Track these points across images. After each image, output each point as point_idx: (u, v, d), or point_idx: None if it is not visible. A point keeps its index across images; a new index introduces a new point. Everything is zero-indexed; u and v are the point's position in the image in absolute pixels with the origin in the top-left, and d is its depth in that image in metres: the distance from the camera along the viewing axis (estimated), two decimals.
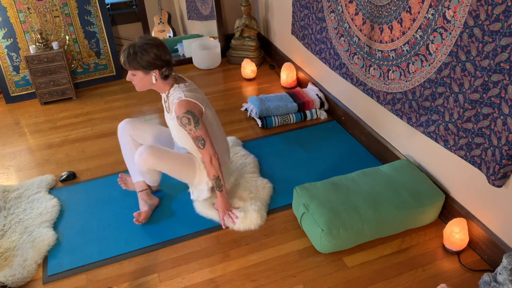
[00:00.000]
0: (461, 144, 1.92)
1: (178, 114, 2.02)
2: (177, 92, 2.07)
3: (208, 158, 2.10)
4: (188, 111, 2.01)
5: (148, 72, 2.01)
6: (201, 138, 2.05)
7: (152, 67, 1.99)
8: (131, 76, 2.04)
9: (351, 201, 2.08)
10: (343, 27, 2.62)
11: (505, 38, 1.59)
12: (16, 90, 3.50)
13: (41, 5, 3.33)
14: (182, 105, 2.01)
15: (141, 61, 1.96)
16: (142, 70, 2.00)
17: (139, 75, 2.02)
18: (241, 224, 2.21)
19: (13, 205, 2.38)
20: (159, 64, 2.00)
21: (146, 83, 2.06)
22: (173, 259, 2.08)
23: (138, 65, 1.97)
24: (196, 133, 2.04)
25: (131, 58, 1.96)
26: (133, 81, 2.06)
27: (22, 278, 1.97)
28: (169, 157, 2.15)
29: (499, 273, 1.68)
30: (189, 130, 2.04)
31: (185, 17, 4.07)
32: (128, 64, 1.98)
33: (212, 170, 2.12)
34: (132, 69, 2.00)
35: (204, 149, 2.08)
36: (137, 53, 1.95)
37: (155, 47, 1.97)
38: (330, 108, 3.14)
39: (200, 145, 2.07)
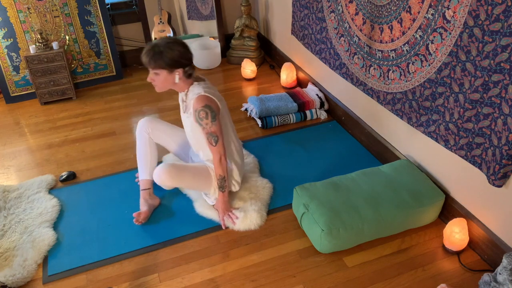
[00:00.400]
0: (461, 144, 1.92)
1: (196, 107, 2.02)
2: (196, 88, 2.09)
3: (218, 156, 2.11)
4: (206, 105, 2.02)
5: (172, 71, 2.01)
6: (215, 135, 2.06)
7: (176, 66, 2.00)
8: (153, 76, 2.04)
9: (351, 201, 2.08)
10: (343, 27, 2.62)
11: (505, 38, 1.59)
12: (16, 90, 3.50)
13: (41, 5, 3.33)
14: (201, 100, 2.03)
15: (166, 60, 1.96)
16: (167, 69, 2.00)
17: (163, 74, 2.02)
18: (241, 224, 2.21)
19: (13, 205, 2.38)
20: (184, 63, 2.01)
21: (168, 82, 2.06)
22: (173, 259, 2.08)
23: (164, 63, 1.97)
24: (211, 128, 2.05)
25: (157, 57, 1.96)
26: (154, 81, 2.06)
27: (22, 278, 1.97)
28: (187, 175, 2.17)
29: (499, 273, 1.68)
30: (205, 125, 2.04)
31: (185, 17, 4.07)
32: (154, 62, 1.97)
33: (219, 170, 2.13)
34: (158, 68, 1.99)
35: (215, 146, 2.08)
36: (163, 52, 1.95)
37: (179, 45, 2.00)
38: (330, 108, 3.14)
39: (212, 141, 2.07)
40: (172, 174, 2.12)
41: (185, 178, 2.17)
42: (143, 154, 2.33)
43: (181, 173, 2.15)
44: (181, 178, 2.15)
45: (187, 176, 2.17)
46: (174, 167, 2.14)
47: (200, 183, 2.23)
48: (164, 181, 2.13)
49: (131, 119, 3.23)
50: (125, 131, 3.09)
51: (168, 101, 3.43)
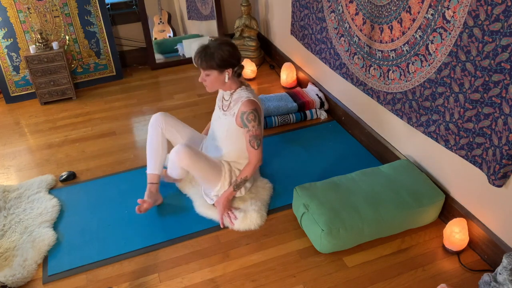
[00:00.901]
0: (462, 144, 1.92)
1: (245, 109, 2.09)
2: (245, 92, 2.16)
3: (256, 160, 2.17)
4: (255, 109, 2.10)
5: (222, 71, 2.08)
6: (258, 138, 2.13)
7: (226, 66, 2.06)
8: (204, 77, 2.11)
9: (351, 201, 2.08)
10: (343, 27, 2.62)
11: (506, 38, 1.59)
12: (16, 90, 3.50)
13: (41, 5, 3.33)
14: (251, 103, 2.10)
15: (217, 60, 2.03)
16: (217, 69, 2.07)
17: (213, 74, 2.09)
18: (241, 224, 2.21)
19: (13, 205, 2.38)
20: (233, 63, 2.08)
21: (218, 82, 2.13)
22: (173, 259, 2.08)
23: (214, 63, 2.04)
24: (256, 131, 2.12)
25: (208, 58, 2.03)
26: (205, 82, 2.13)
27: (22, 278, 1.97)
28: (202, 162, 2.18)
29: (499, 273, 1.68)
30: (251, 127, 2.10)
31: (185, 17, 4.07)
32: (206, 63, 2.04)
33: (249, 172, 2.19)
34: (209, 68, 2.06)
35: (257, 150, 2.15)
36: (214, 53, 2.02)
37: (229, 46, 2.06)
38: (330, 108, 3.14)
39: (255, 144, 2.13)
40: (191, 154, 2.13)
41: (200, 163, 2.17)
42: (154, 148, 2.32)
43: (198, 157, 2.16)
44: (197, 161, 2.15)
45: (202, 162, 2.18)
46: (193, 149, 2.16)
47: (210, 174, 2.23)
48: (182, 160, 2.13)
49: (131, 119, 3.23)
50: (125, 131, 3.09)
51: (168, 101, 3.43)
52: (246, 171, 2.20)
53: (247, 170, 2.20)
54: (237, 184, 2.21)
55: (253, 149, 2.15)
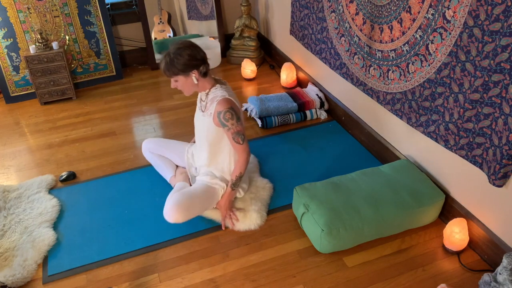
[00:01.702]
0: (462, 144, 1.92)
1: (220, 109, 2.08)
2: (220, 91, 2.14)
3: (245, 154, 2.16)
4: (231, 107, 2.08)
5: (188, 74, 2.07)
6: (241, 133, 2.12)
7: (190, 68, 2.05)
8: (174, 83, 2.12)
9: (351, 201, 2.08)
10: (343, 27, 2.62)
11: (505, 38, 1.59)
12: (16, 90, 3.50)
13: (41, 5, 3.33)
14: (226, 102, 2.08)
15: (178, 66, 2.03)
16: (181, 74, 2.06)
17: (181, 79, 2.09)
18: (241, 224, 2.21)
19: (13, 205, 2.38)
20: (196, 64, 2.06)
21: (189, 85, 2.12)
22: (173, 259, 2.08)
23: (176, 70, 2.04)
24: (238, 128, 2.11)
25: (169, 66, 2.04)
26: (178, 87, 2.13)
27: (22, 278, 1.97)
28: (195, 204, 2.16)
29: (499, 273, 1.68)
30: (230, 125, 2.09)
31: (185, 17, 4.07)
32: (168, 71, 2.05)
33: (243, 168, 2.18)
34: (173, 75, 2.07)
35: (243, 144, 2.14)
36: (173, 60, 2.02)
37: (187, 49, 2.04)
38: (330, 108, 3.14)
39: (240, 140, 2.12)
40: (180, 210, 2.10)
41: (195, 208, 2.16)
42: (158, 165, 2.53)
43: (188, 203, 2.13)
44: (189, 210, 2.14)
45: (196, 205, 2.17)
46: (180, 205, 2.11)
47: (208, 204, 2.24)
48: (176, 219, 2.12)
49: (131, 119, 3.23)
50: (125, 131, 3.09)
51: (168, 101, 3.43)
52: (238, 168, 2.19)
53: (239, 166, 2.18)
54: (233, 183, 2.21)
55: (238, 145, 2.14)
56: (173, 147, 2.53)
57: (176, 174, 2.48)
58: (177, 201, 2.11)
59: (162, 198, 2.36)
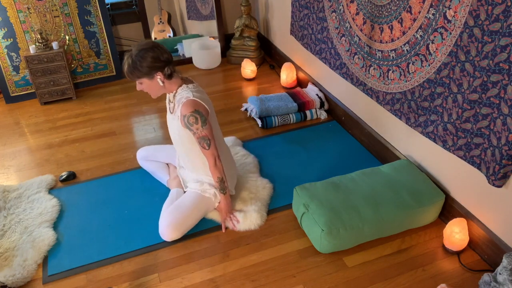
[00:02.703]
0: (460, 145, 1.92)
1: (185, 113, 2.01)
2: (185, 91, 2.06)
3: (212, 159, 2.09)
4: (196, 110, 2.00)
5: (152, 77, 2.01)
6: (207, 138, 2.04)
7: (154, 71, 1.99)
8: (139, 86, 2.06)
9: (351, 201, 2.08)
10: (344, 27, 2.62)
11: (505, 38, 1.59)
12: (16, 90, 3.50)
13: (41, 5, 3.33)
14: (190, 104, 2.00)
15: (141, 69, 1.96)
16: (145, 77, 2.00)
17: (145, 82, 2.03)
18: (241, 224, 2.21)
19: (13, 205, 2.38)
20: (159, 66, 1.99)
21: (155, 88, 2.06)
22: (173, 259, 2.08)
23: (140, 73, 1.98)
24: (203, 133, 2.03)
25: (131, 69, 1.97)
26: (143, 90, 2.07)
27: (22, 278, 1.97)
28: (189, 216, 2.15)
29: (499, 273, 1.68)
30: (195, 130, 2.02)
31: (185, 17, 4.07)
32: (131, 75, 1.99)
33: (216, 172, 2.12)
34: (136, 78, 2.01)
35: (209, 149, 2.07)
36: (136, 62, 1.95)
37: (150, 51, 1.96)
38: (330, 108, 3.14)
39: (205, 145, 2.06)
40: (174, 227, 2.11)
41: (190, 220, 2.16)
42: (155, 171, 2.53)
43: (184, 221, 2.13)
44: (186, 224, 2.14)
45: (190, 218, 2.16)
46: (175, 224, 2.11)
47: (203, 213, 2.23)
48: (176, 238, 2.13)
49: (131, 119, 3.23)
50: (125, 131, 3.09)
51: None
52: (213, 173, 2.13)
53: (213, 171, 2.12)
54: (220, 188, 2.16)
55: (204, 150, 2.08)
56: (164, 150, 2.53)
57: (170, 177, 2.46)
58: (171, 221, 2.11)
59: (162, 198, 2.36)
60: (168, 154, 2.52)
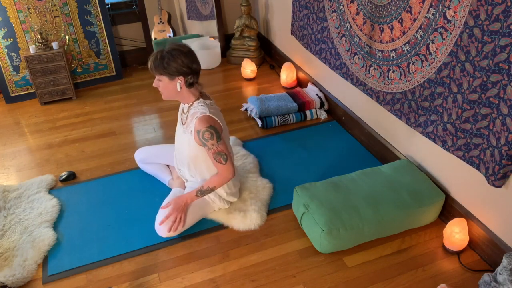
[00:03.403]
0: (459, 145, 1.92)
1: (199, 128, 1.99)
2: (202, 107, 2.05)
3: (228, 174, 2.07)
4: (210, 126, 1.99)
5: (173, 78, 1.99)
6: (223, 153, 2.03)
7: (177, 73, 1.98)
8: (157, 82, 2.04)
9: (351, 201, 2.08)
10: (344, 27, 2.62)
11: (504, 38, 1.59)
12: (16, 90, 3.50)
13: (41, 5, 3.33)
14: (205, 120, 1.99)
15: (167, 66, 1.95)
16: (167, 76, 1.99)
17: (164, 81, 2.01)
18: (241, 224, 2.21)
19: (13, 205, 2.38)
20: (185, 71, 1.98)
21: (171, 90, 2.04)
22: (173, 259, 2.08)
23: (164, 70, 1.96)
24: (219, 148, 2.01)
25: (157, 63, 1.96)
26: (159, 87, 2.05)
27: (22, 278, 1.97)
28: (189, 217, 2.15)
29: (499, 273, 1.68)
30: (210, 145, 2.00)
31: (185, 17, 4.07)
32: (154, 68, 1.98)
33: (219, 184, 2.09)
34: (158, 74, 1.99)
35: (226, 164, 2.05)
36: (164, 58, 1.94)
37: (183, 55, 1.96)
38: (330, 108, 3.14)
39: (222, 160, 2.04)
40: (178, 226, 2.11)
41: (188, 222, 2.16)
42: (155, 173, 2.53)
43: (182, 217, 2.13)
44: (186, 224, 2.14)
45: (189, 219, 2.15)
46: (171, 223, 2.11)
47: (200, 215, 2.23)
48: (168, 235, 2.12)
49: (131, 119, 3.23)
50: (125, 131, 3.09)
51: (167, 101, 3.42)
52: (214, 181, 2.09)
53: (216, 180, 2.09)
54: (202, 191, 2.11)
55: (220, 165, 2.05)
56: (162, 154, 2.53)
57: (174, 177, 2.47)
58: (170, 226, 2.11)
59: (162, 198, 2.36)
60: (167, 157, 2.51)
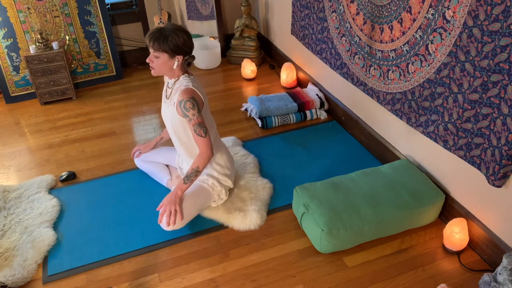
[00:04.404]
0: (460, 144, 1.92)
1: (181, 98, 2.03)
2: (186, 81, 2.10)
3: (206, 148, 2.07)
4: (193, 97, 2.04)
5: (173, 56, 2.04)
6: (203, 125, 2.05)
7: (178, 52, 2.03)
8: (153, 58, 2.06)
9: (351, 201, 2.08)
10: (344, 27, 2.62)
11: (505, 38, 1.59)
12: (16, 90, 3.50)
13: (41, 5, 3.33)
14: (189, 92, 2.04)
15: (170, 44, 2.00)
16: (169, 53, 2.03)
17: (163, 58, 2.04)
18: (241, 224, 2.21)
19: (13, 205, 2.38)
20: (185, 51, 2.05)
21: (166, 67, 2.08)
22: (173, 259, 2.08)
23: (166, 47, 2.00)
24: (199, 119, 2.04)
25: (161, 40, 1.99)
26: (152, 63, 2.07)
27: (22, 278, 1.97)
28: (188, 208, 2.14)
29: (499, 273, 1.68)
30: (191, 115, 2.03)
31: (185, 17, 4.07)
32: (158, 45, 2.00)
33: (200, 161, 2.08)
34: (160, 51, 2.02)
35: (205, 137, 2.06)
36: (168, 36, 1.99)
37: (185, 34, 2.03)
38: (330, 108, 3.14)
39: (202, 133, 2.05)
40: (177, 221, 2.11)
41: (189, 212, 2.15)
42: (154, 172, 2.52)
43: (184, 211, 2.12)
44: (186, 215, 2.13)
45: (189, 209, 2.15)
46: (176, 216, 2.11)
47: (202, 204, 2.23)
48: (175, 227, 2.12)
49: (131, 119, 3.23)
50: (125, 131, 3.09)
51: None
52: (197, 162, 2.08)
53: (198, 160, 2.08)
54: (187, 175, 2.10)
55: (200, 138, 2.05)
56: (162, 152, 2.54)
57: (173, 177, 2.47)
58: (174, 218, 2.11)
59: (162, 198, 2.36)
60: (166, 157, 2.52)
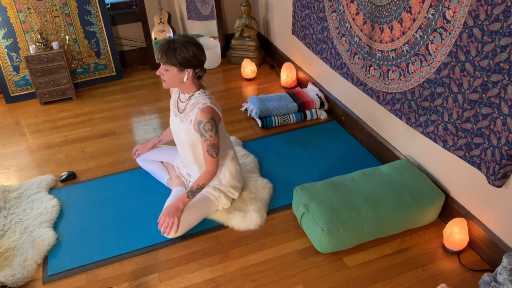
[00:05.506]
0: (460, 144, 1.92)
1: (201, 118, 2.02)
2: (202, 97, 2.09)
3: (214, 167, 2.11)
4: (212, 117, 2.03)
5: (182, 70, 2.02)
6: (217, 146, 2.07)
7: (187, 65, 2.01)
8: (162, 71, 2.05)
9: (351, 201, 2.08)
10: (344, 27, 2.62)
11: (505, 38, 1.59)
12: (16, 90, 3.50)
13: (41, 5, 3.33)
14: (208, 111, 2.03)
15: (179, 58, 1.98)
16: (177, 67, 2.01)
17: (173, 71, 2.03)
18: (241, 224, 2.21)
19: (13, 205, 2.38)
20: (195, 64, 2.02)
21: (176, 80, 2.06)
22: (173, 259, 2.08)
23: (176, 61, 1.98)
24: (214, 140, 2.06)
25: (170, 53, 1.97)
26: (163, 76, 2.06)
27: (22, 278, 1.97)
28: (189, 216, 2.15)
29: (499, 273, 1.68)
30: (208, 137, 2.04)
31: (185, 17, 4.07)
32: (166, 58, 1.98)
33: (207, 180, 2.12)
34: (168, 64, 2.00)
35: (216, 158, 2.09)
36: (177, 49, 1.97)
37: (195, 46, 2.00)
38: (330, 108, 3.14)
39: (214, 153, 2.08)
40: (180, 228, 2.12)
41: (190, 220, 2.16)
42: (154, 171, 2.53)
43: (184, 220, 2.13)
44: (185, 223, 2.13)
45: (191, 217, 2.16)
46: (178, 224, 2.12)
47: (203, 214, 2.23)
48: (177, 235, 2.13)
49: (131, 119, 3.23)
50: (125, 131, 3.09)
51: (168, 101, 3.42)
52: (203, 179, 2.11)
53: (204, 177, 2.11)
54: (192, 191, 2.12)
55: (211, 158, 2.08)
56: (163, 151, 2.54)
57: (172, 177, 2.46)
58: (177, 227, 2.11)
59: (162, 198, 2.36)
60: (166, 155, 2.53)
